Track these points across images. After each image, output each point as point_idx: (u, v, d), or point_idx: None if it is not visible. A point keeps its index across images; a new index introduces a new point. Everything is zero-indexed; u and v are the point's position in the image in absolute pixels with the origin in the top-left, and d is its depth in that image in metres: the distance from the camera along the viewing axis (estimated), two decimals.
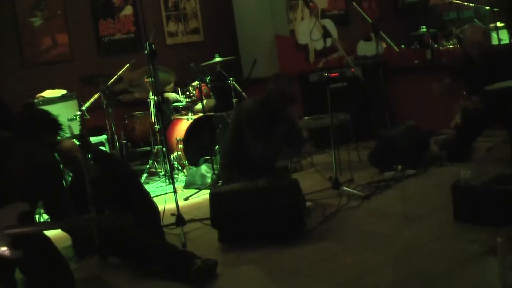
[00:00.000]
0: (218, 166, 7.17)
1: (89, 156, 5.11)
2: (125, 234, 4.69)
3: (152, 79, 7.11)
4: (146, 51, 5.79)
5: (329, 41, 6.42)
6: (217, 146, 8.01)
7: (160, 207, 5.87)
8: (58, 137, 4.67)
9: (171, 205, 5.87)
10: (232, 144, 5.85)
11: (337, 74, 8.79)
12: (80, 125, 5.04)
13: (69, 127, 7.51)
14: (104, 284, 4.85)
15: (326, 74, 6.56)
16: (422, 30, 9.61)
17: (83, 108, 7.64)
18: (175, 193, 5.77)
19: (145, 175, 8.22)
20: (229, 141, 5.91)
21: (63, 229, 4.79)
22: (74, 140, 5.02)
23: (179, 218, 5.71)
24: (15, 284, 4.26)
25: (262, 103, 5.76)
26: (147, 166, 8.34)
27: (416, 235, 4.91)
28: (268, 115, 5.70)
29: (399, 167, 6.74)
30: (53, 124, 4.59)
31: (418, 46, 9.39)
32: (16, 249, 3.90)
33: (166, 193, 6.59)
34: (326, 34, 6.24)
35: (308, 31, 7.43)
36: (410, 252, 4.58)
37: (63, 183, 4.77)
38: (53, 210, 4.54)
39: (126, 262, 5.00)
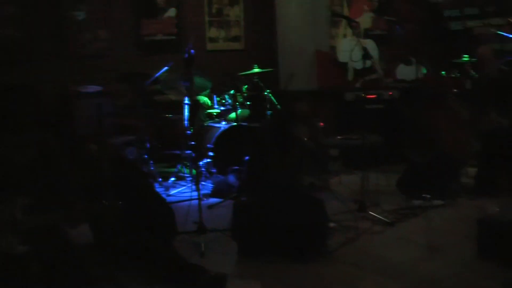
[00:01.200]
0: (245, 177, 7.14)
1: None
2: (140, 240, 4.68)
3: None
4: (186, 55, 5.81)
5: (369, 62, 6.37)
6: (246, 157, 7.97)
7: (183, 214, 5.87)
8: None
9: (195, 212, 5.84)
10: (255, 159, 5.83)
11: (374, 96, 8.70)
12: (99, 127, 5.03)
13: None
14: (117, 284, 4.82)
15: (363, 95, 6.51)
16: (464, 58, 9.50)
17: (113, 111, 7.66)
18: (199, 201, 5.75)
19: (172, 178, 8.20)
20: (254, 156, 5.89)
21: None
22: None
23: (201, 226, 5.70)
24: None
25: (273, 124, 5.73)
26: (175, 170, 8.32)
27: (436, 268, 4.85)
28: (279, 136, 5.66)
29: (427, 196, 6.65)
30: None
31: (458, 74, 9.28)
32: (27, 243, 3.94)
33: (190, 199, 6.58)
34: (366, 55, 6.20)
35: (349, 51, 7.39)
36: (428, 285, 4.51)
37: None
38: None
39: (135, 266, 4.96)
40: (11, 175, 4.17)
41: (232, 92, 8.48)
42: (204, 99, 9.12)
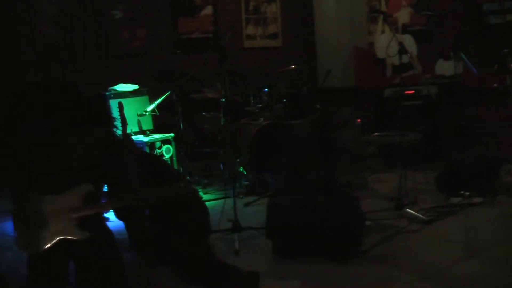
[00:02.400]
0: (281, 175, 7.10)
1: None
2: (173, 236, 4.69)
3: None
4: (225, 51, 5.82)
5: (406, 58, 6.28)
6: (283, 155, 7.92)
7: (218, 211, 5.87)
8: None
9: (230, 210, 5.83)
10: (292, 158, 5.79)
11: (412, 91, 8.57)
12: (121, 125, 5.04)
13: (138, 122, 7.60)
14: (151, 283, 4.83)
15: (401, 90, 6.43)
16: (504, 52, 9.31)
17: (148, 109, 7.69)
18: (234, 198, 5.74)
19: (208, 177, 8.20)
20: (290, 155, 5.86)
21: (119, 216, 4.85)
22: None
23: (236, 224, 5.68)
24: (68, 275, 4.31)
25: (315, 125, 5.68)
26: (211, 168, 8.32)
27: (475, 268, 4.75)
28: (319, 136, 5.62)
29: (466, 193, 6.54)
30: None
31: (498, 69, 9.10)
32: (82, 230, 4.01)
33: (225, 197, 6.56)
34: (402, 50, 6.12)
35: (386, 46, 7.29)
36: (466, 285, 4.43)
37: (126, 167, 4.78)
38: (116, 192, 4.58)
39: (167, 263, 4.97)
40: (73, 165, 4.24)
41: (268, 89, 8.44)
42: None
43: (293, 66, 8.58)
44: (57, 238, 4.02)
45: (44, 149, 4.17)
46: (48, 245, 4.00)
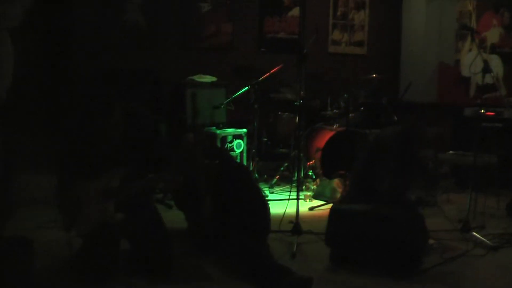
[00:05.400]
0: (350, 182, 7.02)
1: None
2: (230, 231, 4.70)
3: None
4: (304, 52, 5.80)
5: (490, 78, 6.11)
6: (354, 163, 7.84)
7: (281, 212, 5.84)
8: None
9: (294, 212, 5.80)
10: (363, 167, 5.69)
11: (493, 113, 8.34)
12: (192, 115, 5.07)
13: (212, 114, 7.65)
14: (203, 274, 4.83)
15: (482, 111, 6.26)
16: None
17: (225, 102, 7.72)
18: (298, 200, 5.70)
19: (277, 177, 8.18)
20: (361, 164, 5.76)
21: (179, 205, 4.90)
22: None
23: (296, 226, 5.65)
24: (118, 256, 4.37)
25: (399, 135, 5.56)
26: (282, 169, 8.30)
27: None
28: (403, 148, 5.50)
29: None
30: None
31: None
32: (120, 212, 4.04)
33: (289, 199, 6.55)
34: (486, 69, 5.95)
35: (470, 63, 7.13)
36: None
37: (162, 150, 4.81)
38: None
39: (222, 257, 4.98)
40: (116, 148, 4.31)
41: (347, 96, 8.37)
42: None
43: (374, 76, 8.48)
44: (96, 222, 4.07)
45: (97, 134, 4.23)
46: (92, 227, 4.05)
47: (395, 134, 5.58)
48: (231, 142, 7.91)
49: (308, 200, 7.46)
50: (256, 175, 7.96)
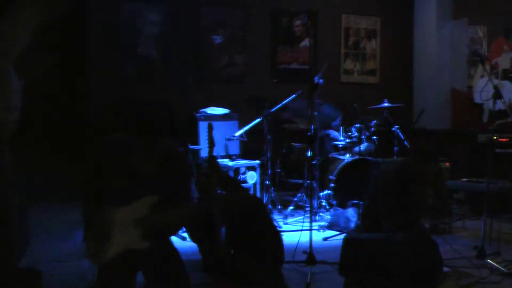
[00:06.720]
0: (363, 211, 7.02)
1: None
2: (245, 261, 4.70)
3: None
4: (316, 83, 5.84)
5: (502, 104, 6.12)
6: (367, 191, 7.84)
7: (295, 242, 5.85)
8: None
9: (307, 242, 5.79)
10: (373, 198, 5.69)
11: (506, 139, 8.33)
12: (209, 146, 5.09)
13: (225, 146, 7.68)
14: None
15: (495, 137, 6.26)
16: None
17: (237, 133, 7.76)
18: (311, 231, 5.69)
19: (291, 207, 8.18)
20: (372, 194, 5.77)
21: (193, 238, 4.90)
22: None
23: (310, 257, 5.63)
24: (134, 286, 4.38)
25: (402, 165, 5.57)
26: (295, 199, 8.30)
27: None
28: (406, 177, 5.49)
29: None
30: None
31: None
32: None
33: (302, 230, 6.54)
34: (496, 95, 5.95)
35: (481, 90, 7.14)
36: None
37: (190, 186, 4.83)
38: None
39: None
40: (142, 177, 4.33)
41: (359, 125, 8.39)
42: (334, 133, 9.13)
43: (385, 105, 8.50)
44: (121, 249, 4.08)
45: (123, 162, 4.25)
46: (114, 256, 4.06)
47: (396, 171, 5.60)
48: (244, 173, 7.93)
49: (322, 230, 7.44)
50: (270, 206, 7.96)
